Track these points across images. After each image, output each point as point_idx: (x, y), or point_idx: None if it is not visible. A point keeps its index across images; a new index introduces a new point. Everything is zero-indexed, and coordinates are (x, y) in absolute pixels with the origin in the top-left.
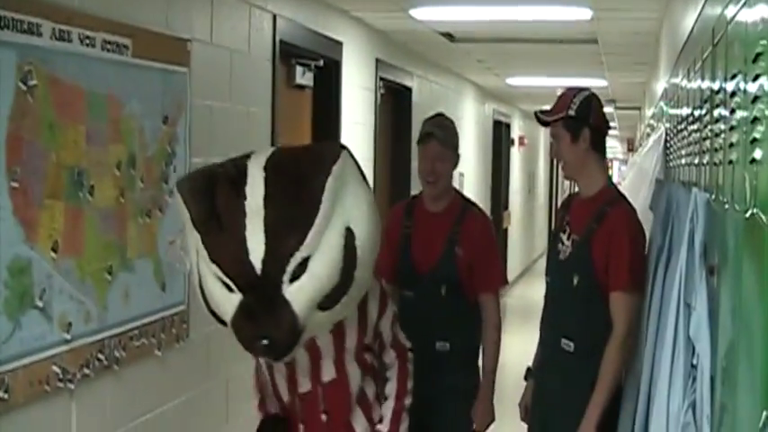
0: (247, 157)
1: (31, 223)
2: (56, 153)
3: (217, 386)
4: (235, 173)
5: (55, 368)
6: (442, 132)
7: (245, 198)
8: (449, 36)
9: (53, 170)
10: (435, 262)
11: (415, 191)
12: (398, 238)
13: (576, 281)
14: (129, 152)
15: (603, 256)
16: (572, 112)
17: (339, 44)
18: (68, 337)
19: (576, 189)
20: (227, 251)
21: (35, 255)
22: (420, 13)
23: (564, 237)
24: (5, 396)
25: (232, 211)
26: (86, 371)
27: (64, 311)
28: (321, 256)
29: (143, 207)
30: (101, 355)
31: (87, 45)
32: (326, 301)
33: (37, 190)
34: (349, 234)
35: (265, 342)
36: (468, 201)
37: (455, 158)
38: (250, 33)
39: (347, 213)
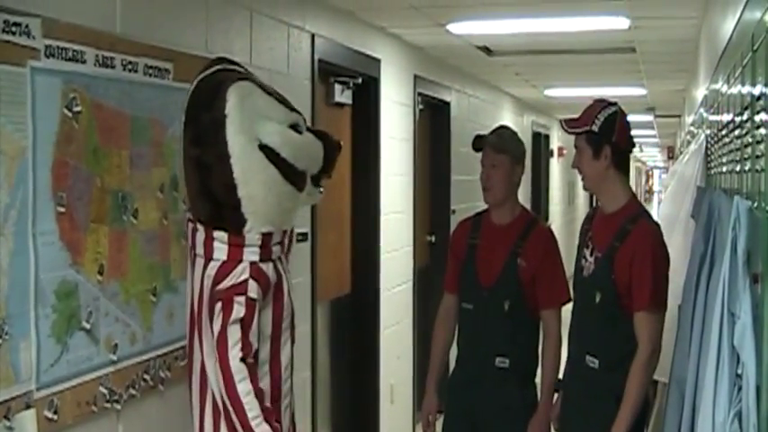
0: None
1: (77, 247)
2: (100, 177)
3: None
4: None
5: (102, 389)
6: (495, 139)
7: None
8: (486, 50)
9: (98, 194)
10: (498, 274)
11: (454, 205)
12: (464, 250)
13: (598, 298)
14: (172, 174)
15: (625, 275)
16: (595, 128)
17: (377, 61)
18: (115, 358)
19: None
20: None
21: (81, 278)
22: (457, 28)
23: (587, 252)
24: (54, 417)
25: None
26: (132, 391)
27: (110, 333)
28: None
29: (185, 229)
30: (146, 376)
31: (130, 70)
32: None
33: (82, 214)
34: None
35: None
36: (534, 217)
37: (514, 167)
38: (289, 53)
39: None
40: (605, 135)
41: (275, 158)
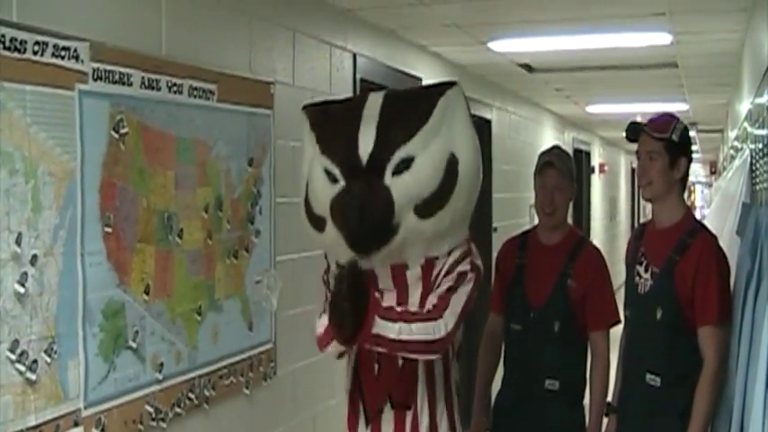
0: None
1: (123, 267)
2: (146, 198)
3: (304, 422)
4: (356, 97)
5: (148, 407)
6: (560, 162)
7: (363, 109)
8: (527, 67)
9: (144, 215)
10: (548, 295)
11: (496, 222)
12: (512, 270)
13: (659, 314)
14: (216, 194)
15: (688, 289)
16: (675, 138)
17: (418, 80)
18: (160, 376)
19: (650, 217)
20: (339, 144)
21: (128, 297)
22: (498, 46)
23: (641, 269)
24: None
25: (348, 118)
26: (178, 410)
27: (156, 352)
28: (424, 160)
29: (230, 248)
30: (191, 394)
31: (175, 92)
32: (423, 207)
33: (129, 234)
34: (452, 158)
35: (360, 213)
36: (582, 236)
37: (572, 189)
38: (331, 73)
39: (454, 138)
40: (682, 147)
41: (452, 170)
